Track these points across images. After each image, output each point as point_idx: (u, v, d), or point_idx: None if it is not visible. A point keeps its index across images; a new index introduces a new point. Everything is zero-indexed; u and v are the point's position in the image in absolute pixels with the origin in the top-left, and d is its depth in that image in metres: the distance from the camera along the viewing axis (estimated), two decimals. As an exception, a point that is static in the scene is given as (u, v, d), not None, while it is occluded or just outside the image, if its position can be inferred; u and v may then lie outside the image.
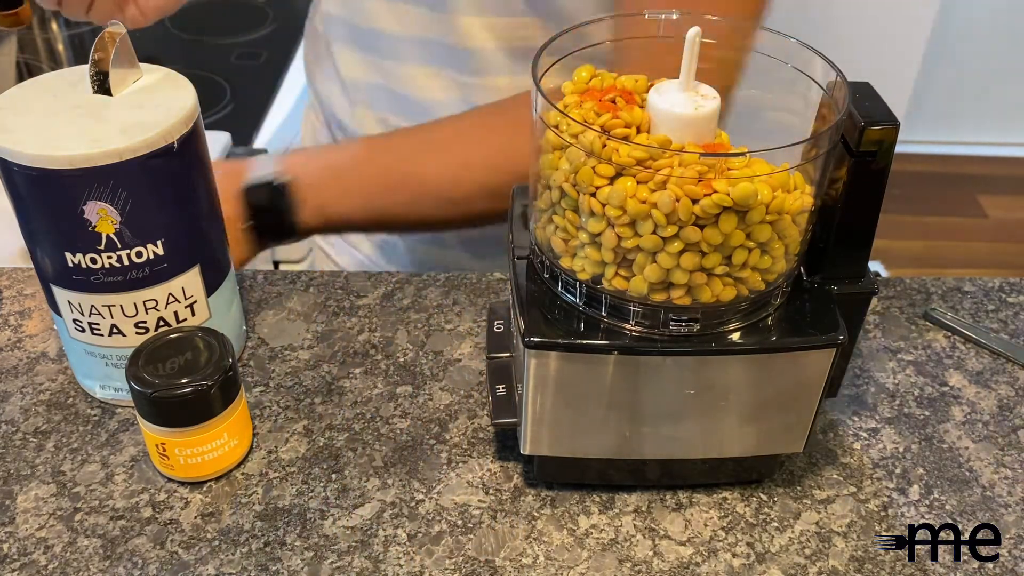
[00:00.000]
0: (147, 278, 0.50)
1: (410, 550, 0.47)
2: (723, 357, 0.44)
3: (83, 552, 0.47)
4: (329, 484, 0.51)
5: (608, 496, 0.50)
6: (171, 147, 0.47)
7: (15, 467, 0.51)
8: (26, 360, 0.58)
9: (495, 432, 0.53)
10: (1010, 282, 0.66)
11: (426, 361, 0.58)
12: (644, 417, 0.46)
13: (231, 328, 0.56)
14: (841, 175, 0.44)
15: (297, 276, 0.65)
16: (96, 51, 0.49)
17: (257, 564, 0.46)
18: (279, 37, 1.37)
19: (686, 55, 0.42)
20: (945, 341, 0.61)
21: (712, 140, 0.43)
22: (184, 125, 0.48)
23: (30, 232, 0.49)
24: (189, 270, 0.51)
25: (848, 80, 0.43)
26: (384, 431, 0.54)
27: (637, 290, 0.42)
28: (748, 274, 0.42)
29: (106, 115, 0.48)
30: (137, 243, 0.48)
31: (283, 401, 0.55)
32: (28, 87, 0.50)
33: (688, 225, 0.40)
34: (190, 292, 0.52)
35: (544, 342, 0.43)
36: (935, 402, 0.57)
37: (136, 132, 0.46)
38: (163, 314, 0.51)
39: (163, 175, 0.48)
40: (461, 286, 0.64)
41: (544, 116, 0.42)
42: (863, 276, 0.47)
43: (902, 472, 0.52)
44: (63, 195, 0.46)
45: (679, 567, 0.47)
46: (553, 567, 0.47)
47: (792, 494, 0.51)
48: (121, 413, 0.55)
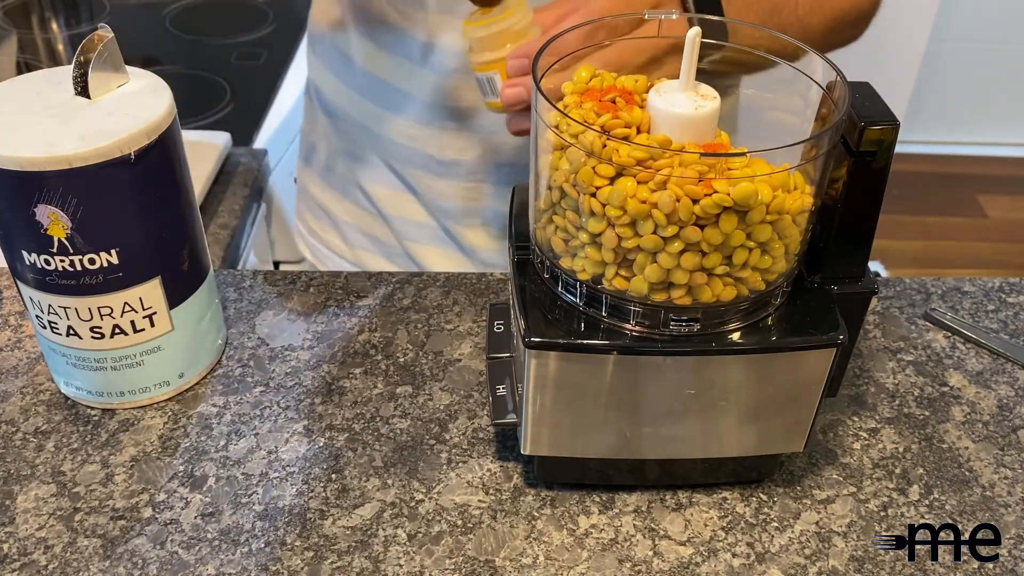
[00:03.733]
0: (101, 285, 0.49)
1: (410, 550, 0.47)
2: (723, 357, 0.44)
3: (83, 552, 0.47)
4: (329, 484, 0.51)
5: (608, 496, 0.50)
6: (127, 158, 0.46)
7: (15, 467, 0.51)
8: (26, 360, 0.58)
9: (495, 432, 0.53)
10: (1010, 282, 0.66)
11: (426, 361, 0.58)
12: (644, 417, 0.46)
13: (199, 342, 0.56)
14: (841, 175, 0.44)
15: (297, 276, 0.65)
16: (81, 52, 0.48)
17: (257, 564, 0.46)
18: (279, 37, 1.37)
19: (686, 55, 0.42)
20: (945, 341, 0.61)
21: (712, 140, 0.43)
22: (145, 137, 0.47)
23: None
24: (148, 281, 0.50)
25: (848, 80, 0.43)
26: (384, 431, 0.54)
27: (637, 290, 0.42)
28: (748, 274, 0.42)
29: (74, 119, 0.47)
30: (89, 250, 0.48)
31: (283, 401, 0.56)
32: (14, 83, 0.50)
33: (688, 225, 0.40)
34: (149, 303, 0.51)
35: (544, 342, 0.44)
36: (935, 402, 0.57)
37: (92, 140, 0.45)
38: (119, 322, 0.51)
39: (118, 185, 0.47)
40: (461, 286, 0.64)
41: (544, 116, 0.42)
42: (863, 276, 0.47)
43: (902, 472, 0.52)
44: (15, 195, 0.46)
45: (679, 567, 0.47)
46: (553, 567, 0.47)
47: (792, 494, 0.51)
48: (121, 413, 0.55)
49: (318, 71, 0.83)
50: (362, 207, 0.84)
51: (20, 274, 0.50)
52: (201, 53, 1.32)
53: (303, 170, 0.90)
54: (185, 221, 0.52)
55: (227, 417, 0.54)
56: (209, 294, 0.56)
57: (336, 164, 0.84)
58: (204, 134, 1.04)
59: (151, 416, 0.54)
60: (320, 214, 0.88)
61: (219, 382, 0.57)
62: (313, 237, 0.90)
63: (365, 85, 0.77)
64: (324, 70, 0.81)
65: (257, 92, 1.21)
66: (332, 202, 0.86)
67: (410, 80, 0.73)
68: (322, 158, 0.86)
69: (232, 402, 0.55)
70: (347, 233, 0.86)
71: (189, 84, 1.24)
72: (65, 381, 0.55)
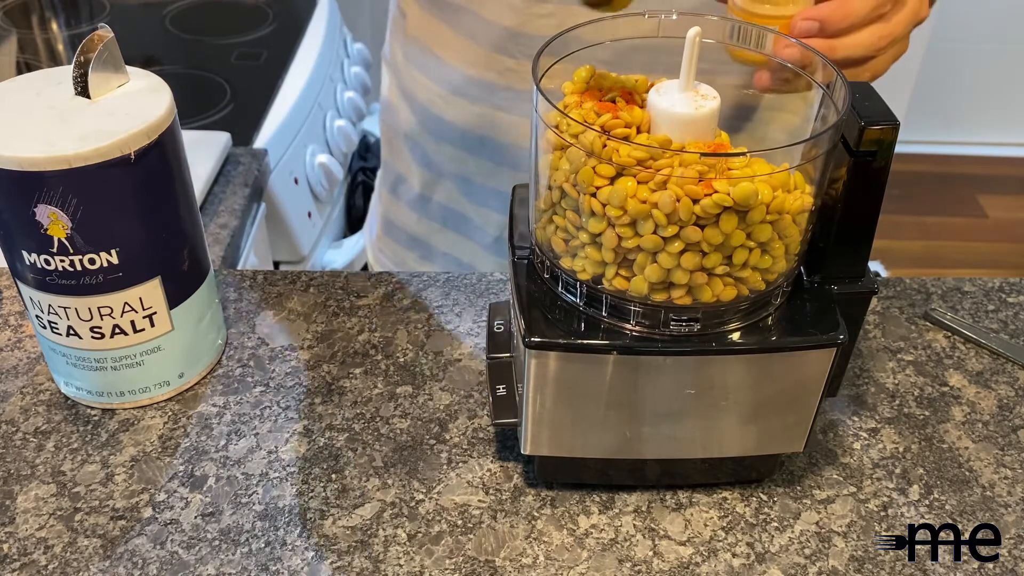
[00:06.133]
0: (101, 285, 0.49)
1: (410, 550, 0.47)
2: (723, 357, 0.44)
3: (83, 552, 0.47)
4: (329, 484, 0.51)
5: (608, 496, 0.50)
6: (127, 158, 0.46)
7: (15, 467, 0.51)
8: (26, 360, 0.58)
9: (495, 432, 0.53)
10: (1010, 282, 0.66)
11: (426, 361, 0.58)
12: (644, 417, 0.46)
13: (199, 342, 0.56)
14: (841, 175, 0.44)
15: (297, 276, 0.65)
16: (81, 52, 0.48)
17: (257, 564, 0.46)
18: (279, 37, 1.37)
19: (686, 55, 0.42)
20: (945, 341, 0.61)
21: (712, 140, 0.43)
22: (145, 137, 0.47)
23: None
24: (148, 281, 0.50)
25: (848, 80, 0.43)
26: (384, 431, 0.54)
27: (638, 290, 0.42)
28: (748, 274, 0.42)
29: (75, 119, 0.47)
30: (90, 250, 0.48)
31: (283, 401, 0.56)
32: (14, 83, 0.50)
33: (689, 225, 0.40)
34: (149, 303, 0.51)
35: (544, 342, 0.44)
36: (935, 402, 0.57)
37: (92, 140, 0.45)
38: (119, 322, 0.51)
39: (118, 185, 0.47)
40: (461, 286, 0.64)
41: (544, 116, 0.42)
42: (863, 276, 0.47)
43: (902, 472, 0.52)
44: (15, 195, 0.46)
45: (679, 567, 0.47)
46: (553, 567, 0.47)
47: (792, 494, 0.51)
48: (121, 413, 0.55)
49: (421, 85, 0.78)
50: (464, 235, 0.82)
51: (20, 274, 0.50)
52: (201, 53, 1.32)
53: (391, 202, 0.87)
54: (185, 221, 0.52)
55: (227, 417, 0.54)
56: (209, 294, 0.56)
57: (435, 192, 0.81)
58: (204, 134, 1.04)
59: (151, 416, 0.54)
60: (413, 245, 0.86)
61: (219, 382, 0.57)
62: (401, 268, 0.88)
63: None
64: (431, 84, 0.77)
65: (257, 92, 1.21)
66: (430, 232, 0.84)
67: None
68: (415, 188, 0.83)
69: (232, 402, 0.55)
70: (445, 264, 0.84)
71: (189, 84, 1.24)
72: (65, 381, 0.55)
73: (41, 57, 1.34)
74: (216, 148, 1.01)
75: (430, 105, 0.77)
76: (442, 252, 0.84)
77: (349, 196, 1.45)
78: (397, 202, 0.86)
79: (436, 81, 0.75)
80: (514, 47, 0.69)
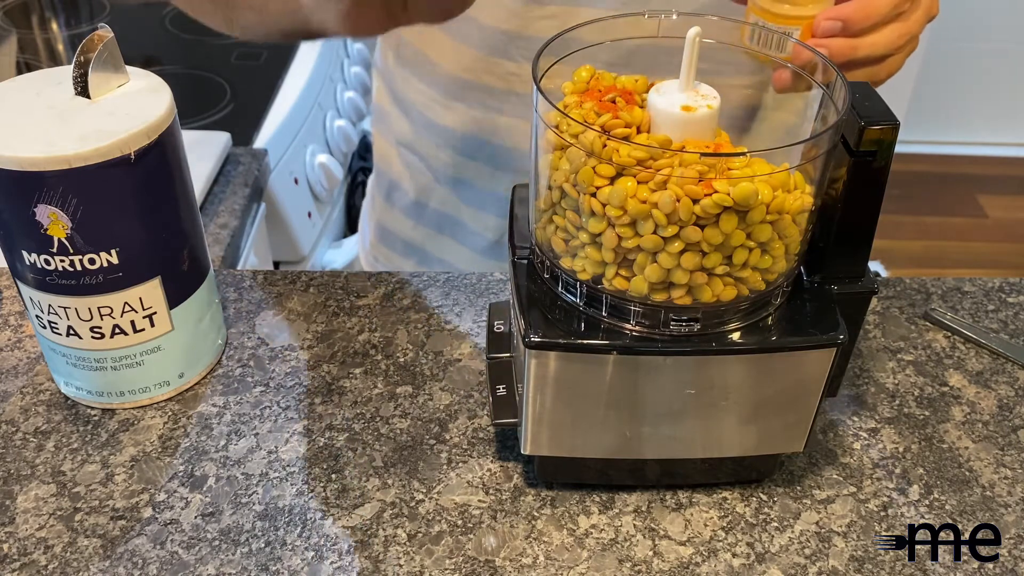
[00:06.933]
0: (101, 285, 0.49)
1: (410, 550, 0.47)
2: (723, 357, 0.44)
3: (83, 552, 0.47)
4: (329, 484, 0.51)
5: (608, 496, 0.50)
6: (127, 158, 0.46)
7: (15, 467, 0.51)
8: (26, 360, 0.58)
9: (495, 432, 0.53)
10: (1010, 282, 0.66)
11: (426, 361, 0.58)
12: (644, 417, 0.46)
13: (199, 342, 0.56)
14: (841, 175, 0.44)
15: (297, 276, 0.65)
16: (81, 52, 0.48)
17: (257, 564, 0.46)
18: (279, 37, 1.37)
19: (686, 55, 0.42)
20: (945, 341, 0.61)
21: (712, 140, 0.43)
22: (145, 137, 0.47)
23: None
24: (148, 281, 0.50)
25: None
26: (384, 431, 0.54)
27: (638, 290, 0.42)
28: (748, 274, 0.42)
29: (75, 119, 0.47)
30: (90, 250, 0.48)
31: (283, 401, 0.56)
32: (14, 83, 0.50)
33: (689, 225, 0.40)
34: (149, 303, 0.51)
35: (544, 342, 0.44)
36: (935, 402, 0.57)
37: (92, 140, 0.45)
38: (119, 322, 0.51)
39: (118, 185, 0.47)
40: (461, 286, 0.64)
41: (544, 116, 0.42)
42: (863, 276, 0.47)
43: (902, 472, 0.52)
44: (15, 195, 0.46)
45: (679, 567, 0.47)
46: (553, 567, 0.47)
47: (792, 494, 0.51)
48: (121, 413, 0.55)
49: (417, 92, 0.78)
50: (460, 241, 0.81)
51: (20, 274, 0.50)
52: (201, 53, 1.32)
53: (385, 209, 0.87)
54: (185, 221, 0.52)
55: (227, 417, 0.54)
56: (209, 294, 0.56)
57: (430, 199, 0.81)
58: (204, 134, 1.04)
59: (151, 416, 0.54)
60: (408, 251, 0.86)
61: (219, 382, 0.57)
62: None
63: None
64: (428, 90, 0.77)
65: (257, 92, 1.21)
66: (425, 239, 0.84)
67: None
68: (410, 194, 0.82)
69: (232, 402, 0.55)
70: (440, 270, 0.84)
71: (189, 84, 1.24)
72: (65, 381, 0.55)
73: (41, 57, 1.34)
74: (216, 148, 1.01)
75: (426, 110, 0.77)
76: (437, 259, 0.84)
77: (349, 196, 1.45)
78: (391, 209, 0.86)
79: (431, 86, 0.75)
80: (515, 50, 0.69)
